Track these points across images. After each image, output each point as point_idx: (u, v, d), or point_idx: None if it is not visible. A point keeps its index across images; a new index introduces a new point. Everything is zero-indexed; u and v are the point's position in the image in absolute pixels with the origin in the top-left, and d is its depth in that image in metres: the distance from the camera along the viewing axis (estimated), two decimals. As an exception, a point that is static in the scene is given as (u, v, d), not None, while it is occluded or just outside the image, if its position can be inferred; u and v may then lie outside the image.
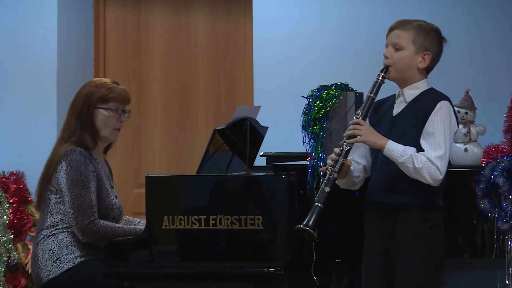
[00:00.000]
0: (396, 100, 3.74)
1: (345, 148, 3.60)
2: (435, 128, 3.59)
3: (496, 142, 4.59)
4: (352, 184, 3.76)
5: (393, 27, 3.71)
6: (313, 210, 3.53)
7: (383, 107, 3.76)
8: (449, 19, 5.22)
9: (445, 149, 3.57)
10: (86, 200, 4.08)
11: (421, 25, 3.69)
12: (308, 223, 3.50)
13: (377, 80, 3.67)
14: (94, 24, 5.94)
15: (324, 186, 3.57)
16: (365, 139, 3.60)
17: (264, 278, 4.01)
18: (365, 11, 5.30)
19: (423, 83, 3.70)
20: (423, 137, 3.60)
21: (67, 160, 4.10)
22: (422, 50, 3.66)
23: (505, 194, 4.28)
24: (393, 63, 3.67)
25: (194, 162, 5.35)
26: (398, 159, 3.55)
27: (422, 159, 3.54)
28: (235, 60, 5.80)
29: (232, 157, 4.40)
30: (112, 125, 4.24)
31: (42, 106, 5.62)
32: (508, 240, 4.29)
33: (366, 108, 3.64)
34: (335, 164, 3.58)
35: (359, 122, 3.61)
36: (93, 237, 4.08)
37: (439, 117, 3.60)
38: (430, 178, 3.54)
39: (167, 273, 4.06)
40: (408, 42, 3.66)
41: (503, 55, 5.16)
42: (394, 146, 3.56)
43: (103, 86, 4.23)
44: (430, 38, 3.68)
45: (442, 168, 3.55)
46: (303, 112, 4.49)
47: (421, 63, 3.67)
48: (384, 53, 3.70)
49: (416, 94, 3.69)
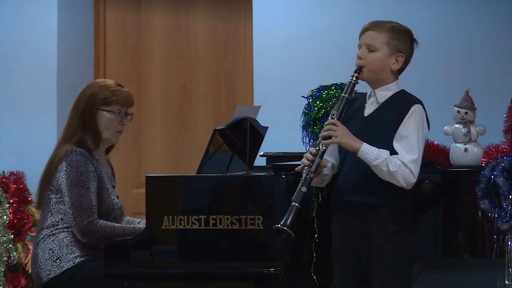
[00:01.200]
0: (367, 100, 3.75)
1: (321, 148, 3.60)
2: (409, 132, 3.60)
3: (496, 142, 4.60)
4: (321, 182, 3.78)
5: (366, 28, 3.72)
6: (290, 210, 3.54)
7: (352, 107, 3.76)
8: (449, 19, 5.22)
9: (418, 153, 3.59)
10: (86, 200, 4.08)
11: (395, 27, 3.71)
12: (286, 222, 3.52)
13: (351, 80, 3.68)
14: (94, 24, 5.94)
15: (301, 186, 3.57)
16: (340, 141, 3.61)
17: (264, 278, 4.01)
18: (365, 11, 5.30)
19: (394, 85, 3.72)
20: (396, 140, 3.61)
21: (67, 160, 4.10)
22: (396, 52, 3.68)
23: (505, 194, 4.28)
24: (366, 64, 3.68)
25: (194, 162, 5.36)
26: (372, 161, 3.56)
27: (397, 162, 3.55)
28: (235, 60, 5.80)
29: (232, 157, 4.40)
30: (114, 127, 4.24)
31: (42, 106, 5.62)
32: (508, 240, 4.29)
33: (341, 109, 3.65)
34: (311, 164, 3.59)
35: (335, 123, 3.62)
36: (93, 237, 4.08)
37: (413, 120, 3.61)
38: (403, 181, 3.56)
39: (167, 273, 4.06)
40: (382, 43, 3.67)
41: (503, 55, 5.16)
42: (369, 149, 3.57)
43: (107, 88, 4.22)
44: (403, 40, 3.70)
45: (416, 172, 3.57)
46: (303, 112, 4.50)
47: (394, 65, 3.69)
48: (358, 53, 3.71)
49: (388, 95, 3.70)
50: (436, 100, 5.07)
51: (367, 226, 3.63)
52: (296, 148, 4.66)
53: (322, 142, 3.61)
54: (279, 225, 3.52)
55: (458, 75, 5.13)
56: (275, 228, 3.54)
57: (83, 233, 4.08)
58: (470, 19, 5.21)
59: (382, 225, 3.61)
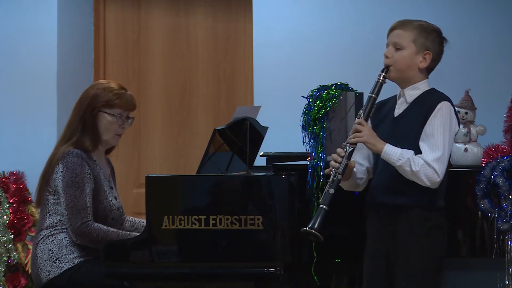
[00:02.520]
0: (397, 101, 3.73)
1: (348, 149, 3.59)
2: (434, 130, 3.57)
3: (496, 142, 4.59)
4: (356, 186, 3.76)
5: (394, 27, 3.70)
6: (318, 212, 3.52)
7: (384, 108, 3.75)
8: (449, 20, 5.21)
9: (443, 151, 3.56)
10: (80, 202, 4.07)
11: (422, 25, 3.68)
12: (314, 225, 3.49)
13: (378, 80, 3.65)
14: (94, 24, 5.94)
15: (328, 188, 3.55)
16: (365, 140, 3.59)
17: (264, 278, 4.01)
18: (365, 11, 5.30)
19: (424, 84, 3.69)
20: (422, 139, 3.59)
21: (63, 161, 4.10)
22: (423, 50, 3.65)
23: (505, 194, 4.28)
24: (393, 62, 3.65)
25: (194, 162, 5.36)
26: (396, 162, 3.55)
27: (420, 162, 3.53)
28: (235, 60, 5.80)
29: (232, 157, 4.40)
30: (114, 130, 4.23)
31: (42, 106, 5.62)
32: (508, 240, 4.28)
33: (368, 109, 3.63)
34: (339, 166, 3.58)
35: (361, 123, 3.61)
36: (86, 239, 4.07)
37: (439, 118, 3.58)
38: (427, 180, 3.54)
39: (167, 273, 4.06)
40: (409, 42, 3.64)
41: (503, 55, 5.16)
42: (391, 150, 3.55)
43: (110, 90, 4.21)
44: (431, 38, 3.67)
45: (440, 171, 3.54)
46: (303, 112, 4.49)
47: (422, 63, 3.66)
48: (385, 52, 3.68)
49: (417, 94, 3.67)
50: (436, 100, 5.08)
51: (395, 227, 3.62)
52: (296, 148, 4.66)
53: (348, 142, 3.60)
54: (307, 227, 3.50)
55: (458, 75, 5.13)
56: (303, 231, 3.51)
57: (77, 234, 4.07)
58: (470, 19, 5.21)
59: (411, 226, 3.59)
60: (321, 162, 4.21)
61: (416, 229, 3.59)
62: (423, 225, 3.60)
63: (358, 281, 4.50)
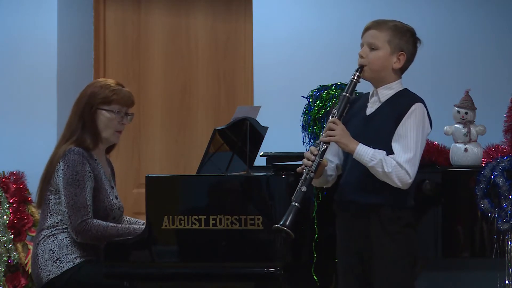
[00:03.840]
0: (369, 99, 3.74)
1: (321, 147, 3.60)
2: (407, 131, 3.59)
3: (496, 142, 4.60)
4: (326, 182, 3.77)
5: (368, 27, 3.71)
6: (290, 210, 3.53)
7: (355, 105, 3.76)
8: (449, 20, 5.22)
9: (415, 152, 3.57)
10: (80, 200, 4.07)
11: (397, 25, 3.70)
12: (285, 222, 3.50)
13: (353, 79, 3.67)
14: (94, 24, 5.94)
15: (300, 186, 3.56)
16: (337, 140, 3.61)
17: (264, 278, 4.01)
18: (365, 11, 5.30)
19: (397, 84, 3.71)
20: (394, 139, 3.60)
21: (64, 160, 4.10)
22: (398, 51, 3.67)
23: (505, 194, 4.28)
24: (368, 62, 3.67)
25: (194, 162, 5.36)
26: (368, 163, 3.56)
27: (392, 163, 3.54)
28: (235, 60, 5.80)
29: (232, 157, 4.40)
30: (113, 127, 4.23)
31: (42, 106, 5.62)
32: (508, 240, 4.29)
33: (342, 108, 3.65)
34: (311, 164, 3.59)
35: (335, 122, 3.62)
36: (86, 236, 4.08)
37: (412, 119, 3.60)
38: (399, 181, 3.55)
39: (167, 273, 4.06)
40: (383, 42, 3.66)
41: (503, 55, 5.16)
42: (364, 150, 3.56)
43: (107, 87, 4.22)
44: (405, 39, 3.69)
45: (412, 172, 3.56)
46: (303, 112, 4.50)
47: (396, 64, 3.68)
48: (360, 52, 3.70)
49: (391, 94, 3.69)
50: (436, 100, 5.07)
51: (369, 226, 3.63)
52: (296, 148, 4.66)
53: (321, 141, 3.61)
54: (278, 225, 3.52)
55: (458, 75, 5.13)
56: (275, 228, 3.53)
57: (76, 232, 4.07)
58: (470, 19, 5.21)
59: (383, 224, 3.60)
60: (321, 162, 4.20)
61: (389, 228, 3.60)
62: (396, 224, 3.61)
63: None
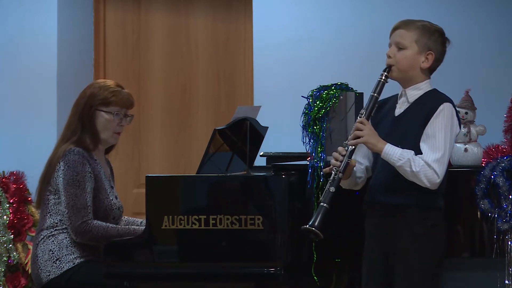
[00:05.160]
0: (398, 100, 3.73)
1: (350, 148, 3.59)
2: (435, 131, 3.57)
3: (496, 142, 4.59)
4: (355, 184, 3.76)
5: (396, 26, 3.70)
6: (318, 210, 3.52)
7: (385, 107, 3.75)
8: (449, 20, 5.21)
9: (443, 152, 3.56)
10: (81, 200, 4.07)
11: (425, 25, 3.68)
12: (314, 223, 3.50)
13: (380, 79, 3.65)
14: (94, 24, 5.94)
15: (329, 186, 3.56)
16: (366, 140, 3.60)
17: (264, 278, 4.01)
18: (365, 11, 5.30)
19: (425, 84, 3.69)
20: (422, 140, 3.59)
21: (64, 160, 4.10)
22: (425, 50, 3.65)
23: (505, 194, 4.28)
24: (395, 62, 3.65)
25: (194, 162, 5.36)
26: (396, 162, 3.55)
27: (420, 162, 3.53)
28: (235, 60, 5.80)
29: (232, 157, 4.40)
30: (112, 128, 4.23)
31: (42, 106, 5.62)
32: (508, 240, 4.28)
33: (370, 108, 3.64)
34: (340, 164, 3.58)
35: (363, 122, 3.61)
36: (86, 237, 4.08)
37: (441, 119, 3.58)
38: (427, 181, 3.54)
39: (167, 273, 4.06)
40: (411, 42, 3.64)
41: (503, 55, 5.16)
42: (392, 150, 3.55)
43: (106, 88, 4.21)
44: (433, 39, 3.67)
45: (440, 172, 3.55)
46: (303, 112, 4.49)
47: (424, 63, 3.66)
48: (387, 52, 3.69)
49: (419, 94, 3.68)
50: (436, 100, 5.08)
51: (394, 227, 3.62)
52: (296, 148, 4.65)
53: (349, 141, 3.60)
54: (307, 225, 3.50)
55: (458, 75, 5.13)
56: (303, 229, 3.51)
57: (77, 233, 4.07)
58: (470, 19, 5.21)
59: (409, 225, 3.59)
60: (321, 162, 4.21)
61: (415, 229, 3.59)
62: (422, 225, 3.60)
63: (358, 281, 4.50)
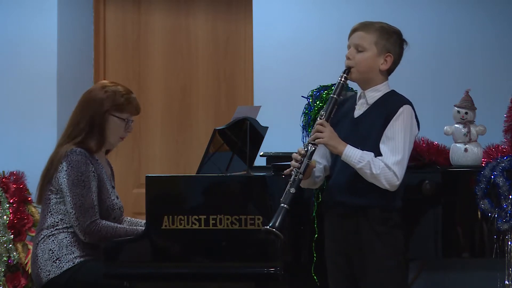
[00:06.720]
0: (357, 101, 3.75)
1: (310, 149, 3.60)
2: (395, 133, 3.59)
3: (496, 142, 4.59)
4: (313, 184, 3.77)
5: (355, 28, 3.71)
6: (279, 211, 3.52)
7: (343, 107, 3.76)
8: (449, 19, 5.22)
9: (403, 154, 3.58)
10: (88, 200, 4.08)
11: (384, 27, 3.70)
12: (275, 224, 3.50)
13: (340, 81, 3.68)
14: (94, 24, 5.94)
15: (289, 187, 3.56)
16: (326, 142, 3.61)
17: (264, 278, 4.01)
18: (365, 11, 5.30)
19: (384, 85, 3.72)
20: (382, 141, 3.61)
21: (67, 160, 4.10)
22: (384, 52, 3.67)
23: (505, 194, 4.28)
24: (355, 64, 3.67)
25: (194, 162, 5.36)
26: (356, 164, 3.56)
27: (380, 165, 3.55)
28: (235, 60, 5.80)
29: (232, 157, 4.40)
30: (120, 134, 4.25)
31: (42, 106, 5.62)
32: (508, 240, 4.28)
33: (330, 109, 3.64)
34: (299, 165, 3.59)
35: (323, 124, 3.62)
36: (95, 237, 4.08)
37: (400, 122, 3.61)
38: (387, 183, 3.56)
39: (167, 273, 4.06)
40: (370, 44, 3.66)
41: (503, 55, 5.16)
42: (352, 152, 3.57)
43: (121, 94, 4.21)
44: (392, 41, 3.69)
45: (400, 174, 3.57)
46: (303, 112, 4.49)
47: (383, 65, 3.68)
48: (347, 54, 3.70)
49: (378, 96, 3.70)
50: (436, 100, 5.08)
51: (357, 227, 3.64)
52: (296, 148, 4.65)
53: (309, 142, 3.62)
54: (267, 226, 3.51)
55: (458, 75, 5.13)
56: (264, 230, 3.52)
57: (86, 233, 4.08)
58: (470, 19, 5.21)
59: (371, 225, 3.61)
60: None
61: (377, 228, 3.61)
62: (385, 225, 3.62)
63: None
